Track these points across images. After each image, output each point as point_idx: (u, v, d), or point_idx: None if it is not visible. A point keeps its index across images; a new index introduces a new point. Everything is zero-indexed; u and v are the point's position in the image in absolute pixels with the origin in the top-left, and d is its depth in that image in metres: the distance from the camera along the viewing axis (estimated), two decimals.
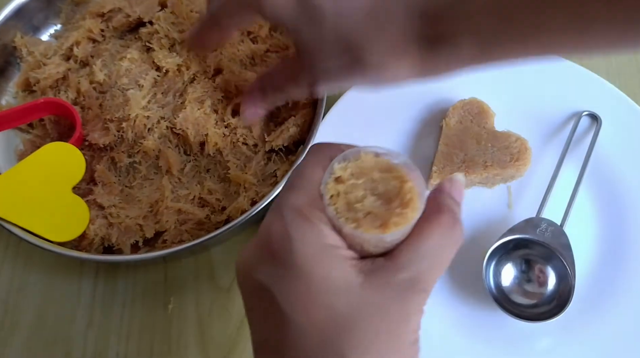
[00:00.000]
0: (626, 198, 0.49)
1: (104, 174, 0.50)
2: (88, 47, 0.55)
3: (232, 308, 0.49)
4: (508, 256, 0.47)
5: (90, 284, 0.51)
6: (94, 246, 0.49)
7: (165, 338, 0.49)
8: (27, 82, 0.55)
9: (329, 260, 0.27)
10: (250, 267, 0.29)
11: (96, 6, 0.55)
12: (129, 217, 0.49)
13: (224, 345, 0.48)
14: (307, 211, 0.27)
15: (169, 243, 0.48)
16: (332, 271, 0.27)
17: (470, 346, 0.46)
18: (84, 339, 0.49)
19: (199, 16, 0.53)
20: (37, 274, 0.52)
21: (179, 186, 0.50)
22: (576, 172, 0.49)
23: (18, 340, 0.49)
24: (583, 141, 0.51)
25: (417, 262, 0.27)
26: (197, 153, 0.51)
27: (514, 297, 0.46)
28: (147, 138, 0.50)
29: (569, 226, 0.47)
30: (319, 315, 0.26)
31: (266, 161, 0.51)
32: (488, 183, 0.50)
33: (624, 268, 0.47)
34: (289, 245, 0.27)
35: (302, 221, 0.27)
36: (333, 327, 0.26)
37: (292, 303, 0.26)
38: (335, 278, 0.26)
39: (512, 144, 0.49)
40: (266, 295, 0.27)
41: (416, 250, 0.27)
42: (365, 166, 0.29)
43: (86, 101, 0.52)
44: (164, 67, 0.52)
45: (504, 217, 0.49)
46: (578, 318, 0.45)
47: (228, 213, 0.49)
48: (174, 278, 0.51)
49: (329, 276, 0.26)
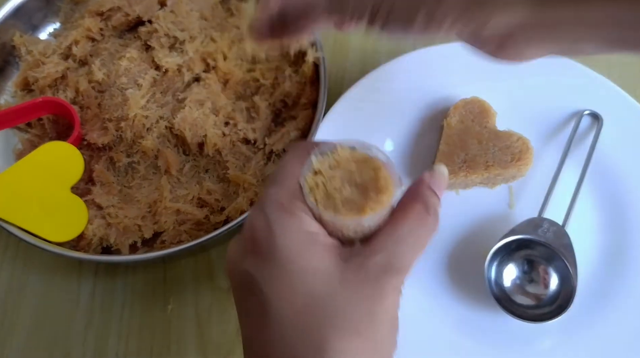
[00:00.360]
0: (628, 198, 0.49)
1: (102, 174, 0.50)
2: (87, 46, 0.55)
3: (231, 308, 0.49)
4: (510, 256, 0.47)
5: (89, 284, 0.51)
6: (93, 247, 0.48)
7: (165, 338, 0.48)
8: (25, 81, 0.55)
9: (309, 249, 0.28)
10: (237, 259, 0.30)
11: (95, 5, 0.55)
12: (127, 217, 0.49)
13: (223, 346, 0.48)
14: (288, 203, 0.29)
15: (168, 244, 0.48)
16: (312, 261, 0.28)
17: (472, 346, 0.45)
18: (83, 339, 0.49)
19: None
20: (36, 274, 0.51)
21: (177, 186, 0.50)
22: (578, 172, 0.49)
23: (17, 341, 0.49)
24: (585, 141, 0.51)
25: (391, 246, 0.29)
26: (196, 153, 0.51)
27: (516, 298, 0.46)
28: (145, 137, 0.50)
29: (570, 226, 0.46)
30: (300, 302, 0.28)
31: (265, 162, 0.51)
32: (489, 183, 0.50)
33: (626, 268, 0.47)
34: (271, 238, 0.28)
35: (283, 213, 0.29)
36: (313, 313, 0.27)
37: (276, 292, 0.28)
38: (315, 267, 0.28)
39: (514, 144, 0.49)
40: (253, 285, 0.29)
41: (390, 235, 0.29)
42: (342, 159, 0.30)
43: (85, 100, 0.52)
44: (163, 67, 0.52)
45: (506, 217, 0.49)
46: (580, 318, 0.45)
47: (227, 214, 0.48)
48: (173, 278, 0.51)
49: (309, 266, 0.28)
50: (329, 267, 0.28)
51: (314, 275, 0.28)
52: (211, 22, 0.54)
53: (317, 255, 0.28)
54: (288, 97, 0.52)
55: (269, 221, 0.29)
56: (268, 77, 0.53)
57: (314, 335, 0.27)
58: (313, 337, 0.27)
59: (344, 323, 0.27)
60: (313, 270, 0.28)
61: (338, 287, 0.28)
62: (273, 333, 0.28)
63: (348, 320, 0.27)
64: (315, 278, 0.28)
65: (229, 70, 0.52)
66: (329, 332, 0.27)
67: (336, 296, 0.28)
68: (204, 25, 0.53)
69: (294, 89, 0.52)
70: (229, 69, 0.52)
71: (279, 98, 0.53)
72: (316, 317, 0.27)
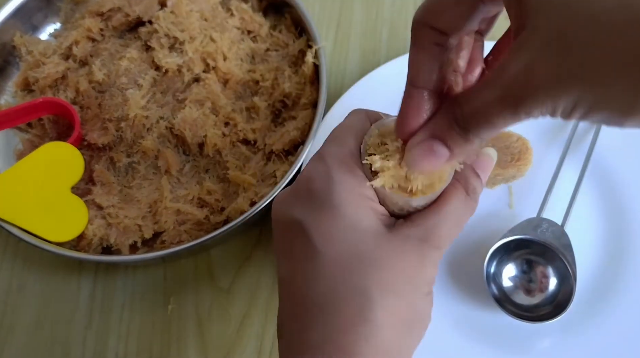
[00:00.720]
0: (627, 198, 0.49)
1: (102, 174, 0.50)
2: (87, 46, 0.55)
3: (231, 308, 0.49)
4: (509, 256, 0.47)
5: (89, 284, 0.51)
6: (93, 247, 0.48)
7: (165, 338, 0.48)
8: (26, 81, 0.55)
9: (363, 208, 0.29)
10: (286, 205, 0.31)
11: (95, 5, 0.55)
12: (127, 217, 0.49)
13: (223, 346, 0.48)
14: (349, 161, 0.30)
15: (168, 244, 0.48)
16: (364, 220, 0.29)
17: (471, 346, 0.45)
18: (83, 340, 0.49)
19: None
20: (35, 274, 0.51)
21: (178, 186, 0.50)
22: (577, 172, 0.49)
23: (17, 341, 0.49)
24: (584, 141, 0.51)
25: (434, 224, 0.30)
26: (196, 153, 0.51)
27: (515, 298, 0.46)
28: (145, 137, 0.50)
29: (569, 226, 0.46)
30: (347, 250, 0.29)
31: (265, 162, 0.51)
32: (489, 183, 0.50)
33: (625, 268, 0.47)
34: (330, 185, 0.29)
35: (345, 169, 0.30)
36: (358, 262, 0.28)
37: (323, 236, 0.29)
38: (367, 225, 0.29)
39: (513, 144, 0.49)
40: (298, 229, 0.30)
41: (434, 214, 0.30)
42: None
43: (85, 100, 0.52)
44: (163, 67, 0.52)
45: (505, 217, 0.49)
46: (579, 318, 0.45)
47: (227, 214, 0.48)
48: (173, 278, 0.51)
49: (360, 223, 0.29)
50: (378, 229, 0.29)
51: (364, 232, 0.29)
52: (211, 23, 0.54)
53: (369, 217, 0.29)
54: (288, 97, 0.52)
55: (330, 173, 0.29)
56: (268, 77, 0.53)
57: (358, 281, 0.28)
58: (357, 282, 0.28)
59: (388, 281, 0.28)
60: (364, 227, 0.29)
61: (385, 248, 0.29)
62: (316, 272, 0.29)
63: (392, 281, 0.28)
64: (366, 235, 0.29)
65: (229, 70, 0.52)
66: (374, 284, 0.28)
67: (382, 255, 0.29)
68: (204, 25, 0.53)
69: (294, 89, 0.52)
70: (228, 69, 0.52)
71: (278, 98, 0.53)
72: (362, 266, 0.28)
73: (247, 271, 0.50)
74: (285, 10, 0.56)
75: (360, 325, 0.28)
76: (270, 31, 0.56)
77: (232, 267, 0.51)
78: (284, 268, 0.31)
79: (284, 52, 0.55)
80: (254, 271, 0.50)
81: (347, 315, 0.28)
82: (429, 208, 0.30)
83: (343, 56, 0.59)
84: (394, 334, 0.28)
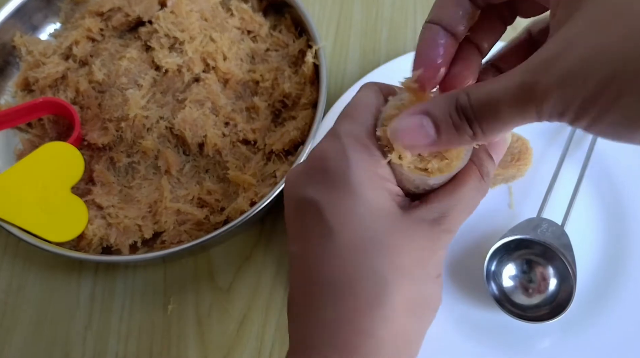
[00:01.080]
0: (627, 198, 0.49)
1: (102, 174, 0.50)
2: (87, 46, 0.55)
3: (231, 308, 0.49)
4: (509, 256, 0.47)
5: (89, 284, 0.51)
6: (93, 247, 0.48)
7: (165, 339, 0.48)
8: (26, 81, 0.55)
9: (378, 188, 0.29)
10: (299, 182, 0.31)
11: (95, 5, 0.55)
12: (127, 217, 0.49)
13: (223, 346, 0.48)
14: (365, 139, 0.29)
15: (168, 244, 0.48)
16: (379, 200, 0.29)
17: (471, 346, 0.45)
18: (83, 340, 0.49)
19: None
20: (35, 274, 0.51)
21: (178, 186, 0.50)
22: (577, 172, 0.49)
23: (17, 341, 0.49)
24: (584, 141, 0.51)
25: (447, 207, 0.30)
26: (196, 153, 0.51)
27: (515, 298, 0.46)
28: (145, 137, 0.50)
29: (569, 226, 0.46)
30: (362, 232, 0.28)
31: (265, 162, 0.51)
32: (489, 183, 0.50)
33: (625, 267, 0.47)
34: (346, 165, 0.29)
35: (361, 147, 0.29)
36: (373, 244, 0.28)
37: (338, 217, 0.28)
38: (381, 205, 0.29)
39: (513, 144, 0.49)
40: (312, 208, 0.29)
41: (448, 196, 0.30)
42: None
43: (85, 100, 0.52)
44: (163, 67, 0.52)
45: (505, 217, 0.49)
46: (579, 318, 0.45)
47: (227, 214, 0.48)
48: (173, 278, 0.51)
49: (375, 201, 0.29)
50: (393, 211, 0.29)
51: (380, 214, 0.28)
52: (211, 23, 0.54)
53: (385, 198, 0.29)
54: (288, 97, 0.52)
55: (346, 152, 0.29)
56: (268, 77, 0.53)
57: (373, 263, 0.28)
58: (372, 264, 0.28)
59: (403, 265, 0.28)
60: (379, 209, 0.29)
61: (400, 230, 0.29)
62: (330, 252, 0.28)
63: (406, 265, 0.28)
64: (381, 217, 0.28)
65: (229, 70, 0.52)
66: (389, 267, 0.28)
67: (397, 238, 0.28)
68: (204, 25, 0.53)
69: (294, 89, 0.52)
70: (228, 69, 0.52)
71: (278, 98, 0.53)
72: (377, 249, 0.28)
73: (247, 271, 0.50)
74: (285, 10, 0.56)
75: (376, 308, 0.28)
76: (270, 31, 0.56)
77: (232, 267, 0.51)
78: (295, 245, 0.31)
79: (284, 52, 0.55)
80: (254, 271, 0.50)
81: (363, 296, 0.28)
82: (443, 189, 0.30)
83: (343, 55, 0.59)
84: (408, 317, 0.29)
